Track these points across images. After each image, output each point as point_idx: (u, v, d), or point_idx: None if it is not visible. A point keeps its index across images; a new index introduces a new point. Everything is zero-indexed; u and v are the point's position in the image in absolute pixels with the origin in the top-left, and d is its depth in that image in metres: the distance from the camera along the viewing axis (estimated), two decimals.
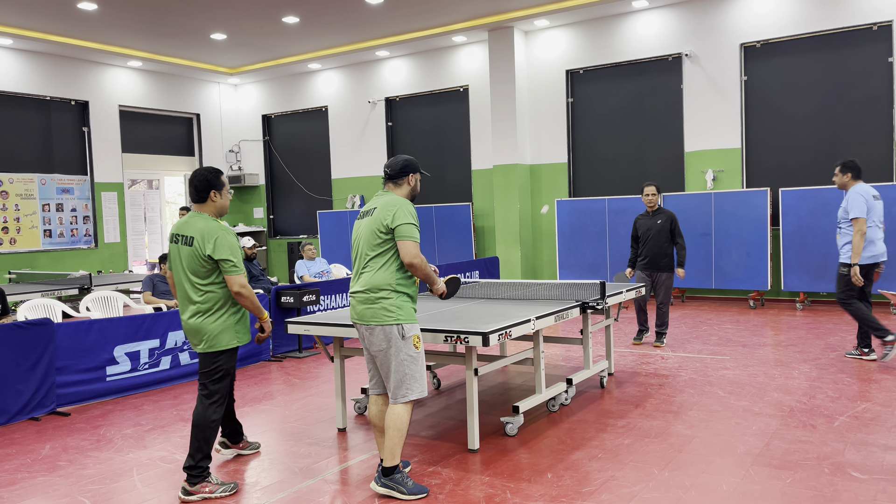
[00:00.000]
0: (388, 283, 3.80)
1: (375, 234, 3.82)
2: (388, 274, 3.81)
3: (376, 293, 3.80)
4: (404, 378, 3.80)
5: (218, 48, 13.22)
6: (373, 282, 3.81)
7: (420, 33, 12.53)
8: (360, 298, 3.85)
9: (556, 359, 7.16)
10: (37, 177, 12.62)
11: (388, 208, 3.82)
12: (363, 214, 3.97)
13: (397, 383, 3.81)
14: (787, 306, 10.06)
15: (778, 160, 10.57)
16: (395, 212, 3.79)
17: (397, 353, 3.79)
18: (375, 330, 3.81)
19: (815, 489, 3.72)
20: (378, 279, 3.81)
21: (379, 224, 3.81)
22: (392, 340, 3.79)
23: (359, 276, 3.91)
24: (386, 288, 3.80)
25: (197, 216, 4.04)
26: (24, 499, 4.00)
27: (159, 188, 15.04)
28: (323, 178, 15.18)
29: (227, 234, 3.97)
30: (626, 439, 4.62)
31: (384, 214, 3.81)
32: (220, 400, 4.03)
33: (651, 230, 7.46)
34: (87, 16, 10.93)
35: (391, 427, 3.81)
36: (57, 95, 12.87)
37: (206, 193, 4.05)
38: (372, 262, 3.84)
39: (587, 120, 12.09)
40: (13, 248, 12.23)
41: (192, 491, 3.89)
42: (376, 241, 3.82)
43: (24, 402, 5.56)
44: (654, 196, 7.50)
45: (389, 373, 3.82)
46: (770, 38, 10.44)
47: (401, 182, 4.02)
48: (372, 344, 3.85)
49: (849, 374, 6.08)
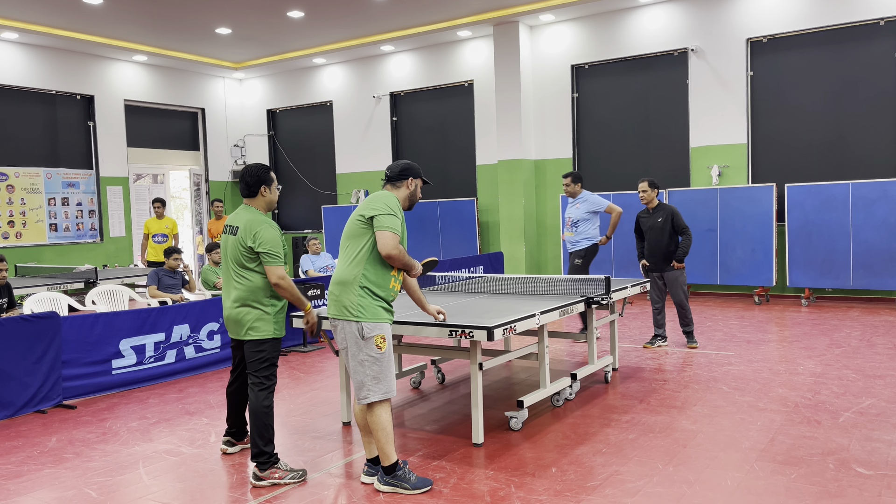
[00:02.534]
0: (353, 277, 3.71)
1: (354, 223, 3.79)
2: (357, 268, 3.72)
3: (342, 287, 3.73)
4: (365, 379, 3.70)
5: (223, 42, 13.22)
6: (341, 275, 3.76)
7: (425, 28, 12.51)
8: (330, 291, 3.82)
9: (561, 354, 7.16)
10: (42, 171, 12.65)
11: (371, 200, 3.80)
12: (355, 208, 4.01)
13: (359, 384, 3.73)
14: (793, 302, 10.03)
15: (784, 156, 10.54)
16: (375, 203, 3.75)
17: (357, 352, 3.69)
18: (339, 325, 3.75)
19: (820, 485, 3.71)
20: (346, 272, 3.74)
21: (359, 214, 3.79)
22: (353, 339, 3.69)
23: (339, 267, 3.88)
24: (351, 282, 3.71)
25: (246, 209, 4.22)
26: (31, 491, 4.02)
27: (164, 182, 15.06)
28: (327, 172, 15.19)
29: (269, 227, 4.10)
30: (631, 434, 4.62)
31: (365, 205, 3.80)
32: (270, 386, 4.13)
33: (652, 229, 7.19)
34: (92, 10, 10.94)
35: (374, 430, 3.76)
36: (62, 90, 12.89)
37: (256, 188, 4.22)
38: (346, 254, 3.80)
39: (592, 115, 12.06)
40: (19, 242, 12.27)
41: (261, 476, 4.01)
42: (354, 232, 3.78)
43: (30, 394, 5.59)
44: (646, 193, 7.21)
45: (351, 372, 3.76)
46: (776, 34, 10.40)
47: (399, 185, 3.98)
48: (340, 340, 3.79)
49: (854, 370, 6.07)
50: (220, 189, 15.69)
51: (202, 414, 5.49)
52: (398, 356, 5.89)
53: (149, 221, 11.01)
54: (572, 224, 7.71)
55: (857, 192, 9.44)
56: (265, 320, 4.11)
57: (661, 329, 7.34)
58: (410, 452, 4.43)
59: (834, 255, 9.61)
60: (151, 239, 10.98)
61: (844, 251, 9.54)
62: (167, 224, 11.04)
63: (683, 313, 7.27)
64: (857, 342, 7.19)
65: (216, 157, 15.66)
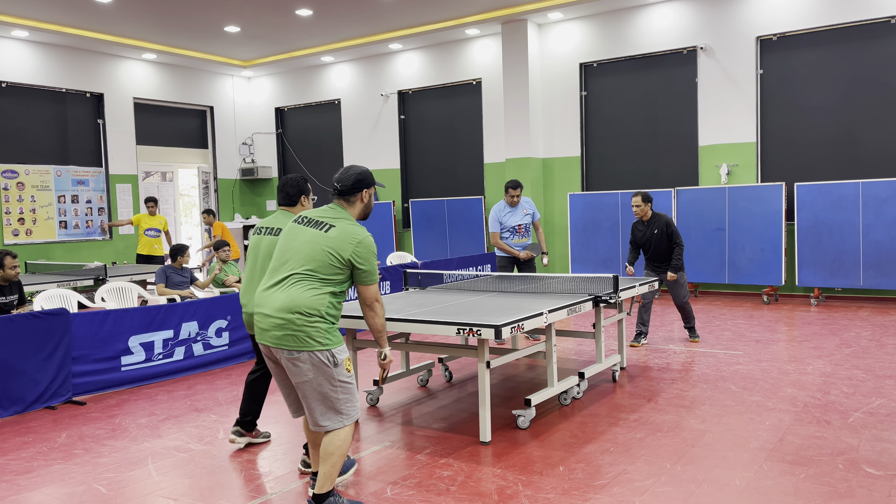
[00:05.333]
0: (316, 309, 3.34)
1: (329, 259, 3.39)
2: (322, 299, 3.36)
3: (305, 317, 3.31)
4: (338, 404, 3.39)
5: (231, 41, 13.25)
6: (301, 304, 3.32)
7: (433, 26, 12.50)
8: (279, 322, 3.33)
9: (568, 353, 7.15)
10: (52, 168, 12.71)
11: (350, 240, 3.41)
12: (302, 221, 3.53)
13: (331, 410, 3.39)
14: (802, 302, 9.99)
15: (793, 155, 10.48)
16: (358, 249, 3.41)
17: (329, 380, 3.35)
18: (301, 357, 3.32)
19: (829, 485, 3.70)
20: (309, 302, 3.33)
21: (337, 253, 3.39)
22: (318, 368, 3.34)
23: (277, 290, 3.40)
24: (315, 314, 3.33)
25: (284, 215, 4.43)
26: (41, 486, 4.05)
27: (173, 180, 15.11)
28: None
29: None
30: (639, 433, 4.61)
31: (343, 245, 3.40)
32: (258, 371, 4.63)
33: (650, 241, 7.31)
34: (102, 8, 10.99)
35: (334, 454, 3.39)
36: (72, 88, 12.96)
37: (297, 198, 4.49)
38: (304, 282, 3.37)
39: (601, 113, 12.03)
40: (29, 239, 12.35)
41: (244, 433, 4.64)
42: (326, 267, 3.38)
43: (40, 391, 5.62)
44: (639, 207, 7.28)
45: (316, 401, 3.37)
46: (787, 31, 10.34)
47: (353, 199, 3.58)
48: (295, 373, 3.36)
49: (864, 370, 6.04)
50: (228, 186, 15.74)
51: (211, 411, 5.52)
52: (406, 354, 5.90)
53: (140, 216, 11.48)
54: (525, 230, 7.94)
55: (868, 192, 9.38)
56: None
57: (645, 327, 7.44)
58: (418, 450, 4.43)
59: (844, 255, 9.56)
60: (144, 233, 11.38)
61: (854, 251, 9.49)
62: (160, 220, 11.54)
63: (686, 311, 7.44)
64: (866, 342, 7.15)
65: (224, 155, 15.71)
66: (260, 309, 3.43)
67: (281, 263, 3.47)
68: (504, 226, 7.81)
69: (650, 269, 7.46)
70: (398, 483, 3.92)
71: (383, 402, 5.58)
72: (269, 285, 3.46)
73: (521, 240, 7.87)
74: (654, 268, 7.44)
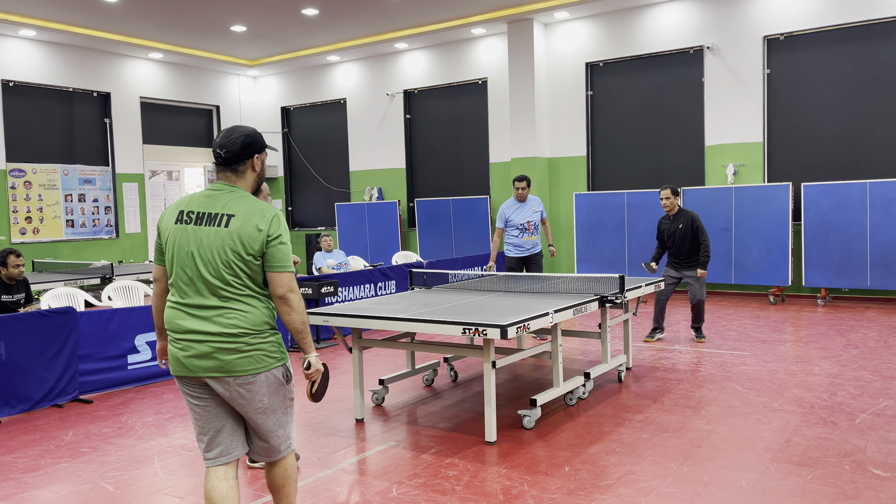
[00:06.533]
0: (265, 322, 2.77)
1: (240, 258, 2.70)
2: (265, 310, 2.79)
3: (254, 335, 2.73)
4: (289, 427, 2.93)
5: (238, 40, 13.28)
6: (249, 322, 2.72)
7: (439, 25, 12.50)
8: (225, 344, 2.70)
9: (574, 353, 7.14)
10: (59, 167, 12.76)
11: (258, 223, 2.72)
12: (200, 218, 2.75)
13: (278, 438, 2.88)
14: (808, 302, 9.95)
15: (800, 155, 10.44)
16: (272, 229, 2.73)
17: (281, 400, 2.85)
18: (257, 381, 2.75)
19: (836, 486, 3.68)
20: (255, 318, 2.74)
21: (249, 248, 2.70)
22: (275, 387, 2.81)
23: (213, 311, 2.71)
24: (266, 328, 2.78)
25: None
26: (48, 484, 4.07)
27: (179, 179, 15.16)
28: (341, 170, 15.22)
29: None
30: (644, 434, 4.60)
31: (253, 234, 2.70)
32: None
33: (674, 235, 7.34)
34: (109, 8, 11.02)
35: (291, 483, 2.97)
36: (79, 87, 13.00)
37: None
38: (236, 293, 2.72)
39: (607, 113, 12.01)
40: (36, 238, 12.40)
41: None
42: (241, 267, 2.71)
43: (47, 389, 5.65)
44: (668, 200, 7.32)
45: (271, 428, 2.85)
46: (794, 31, 10.30)
47: (242, 168, 2.83)
48: (249, 401, 2.76)
49: (871, 371, 6.01)
50: None
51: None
52: (411, 353, 5.90)
53: None
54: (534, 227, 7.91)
55: (875, 192, 9.34)
56: None
57: (659, 324, 7.56)
58: (423, 450, 4.44)
59: (851, 255, 9.52)
60: None
61: (861, 251, 9.45)
62: None
63: (699, 312, 7.42)
64: (874, 343, 7.12)
65: None
66: (185, 330, 2.73)
67: (188, 282, 2.74)
68: (511, 223, 7.82)
69: (670, 265, 7.48)
70: (403, 482, 3.92)
71: (388, 402, 5.58)
72: (190, 307, 2.75)
73: (530, 237, 7.84)
74: (674, 264, 7.44)
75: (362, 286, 8.86)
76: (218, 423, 2.84)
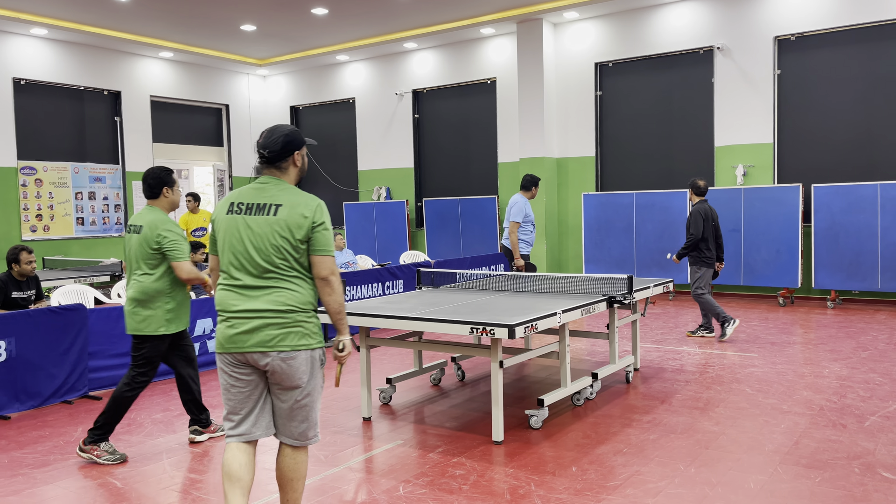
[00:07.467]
0: (311, 303, 3.02)
1: (288, 244, 2.95)
2: (310, 291, 3.02)
3: (297, 313, 2.96)
4: (316, 415, 3.09)
5: (247, 39, 13.32)
6: (296, 300, 2.96)
7: (448, 25, 12.50)
8: (273, 319, 2.93)
9: (582, 353, 7.13)
10: (70, 165, 12.84)
11: (304, 211, 2.96)
12: (249, 209, 3.00)
13: (308, 422, 3.05)
14: (818, 304, 9.90)
15: (811, 156, 10.39)
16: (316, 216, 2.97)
17: (318, 383, 3.06)
18: (299, 357, 2.96)
19: (845, 489, 3.66)
20: (302, 297, 2.97)
21: (297, 233, 2.94)
22: (313, 370, 3.02)
23: (263, 290, 2.95)
24: (310, 308, 3.01)
25: (149, 209, 4.42)
26: (57, 480, 4.09)
27: (188, 178, 15.21)
28: (349, 169, 15.25)
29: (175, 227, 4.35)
30: (652, 435, 4.59)
31: (299, 221, 2.94)
32: (142, 382, 4.43)
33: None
34: (120, 7, 11.08)
35: (299, 478, 3.08)
36: (90, 85, 13.07)
37: (158, 190, 4.46)
38: (284, 275, 2.96)
39: (616, 113, 11.98)
40: (47, 235, 12.47)
41: (84, 448, 4.35)
42: (290, 251, 2.95)
43: (57, 385, 5.68)
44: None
45: (297, 412, 3.02)
46: (805, 31, 10.25)
47: (285, 165, 3.08)
48: (289, 377, 2.97)
49: (880, 373, 5.97)
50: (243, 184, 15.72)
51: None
52: (419, 352, 5.90)
53: (185, 217, 10.62)
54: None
55: (886, 194, 9.28)
56: (155, 318, 4.35)
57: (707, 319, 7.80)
58: (430, 449, 4.44)
59: (861, 257, 9.46)
60: (192, 234, 10.51)
61: (872, 253, 9.39)
62: (204, 217, 10.67)
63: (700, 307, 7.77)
64: (884, 345, 7.08)
65: (239, 153, 15.80)
66: (237, 308, 2.97)
67: (239, 266, 2.98)
68: (529, 218, 8.14)
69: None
70: (411, 481, 3.93)
71: (396, 401, 5.59)
72: (241, 288, 2.99)
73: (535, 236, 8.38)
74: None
75: (370, 285, 8.88)
76: (251, 404, 3.06)
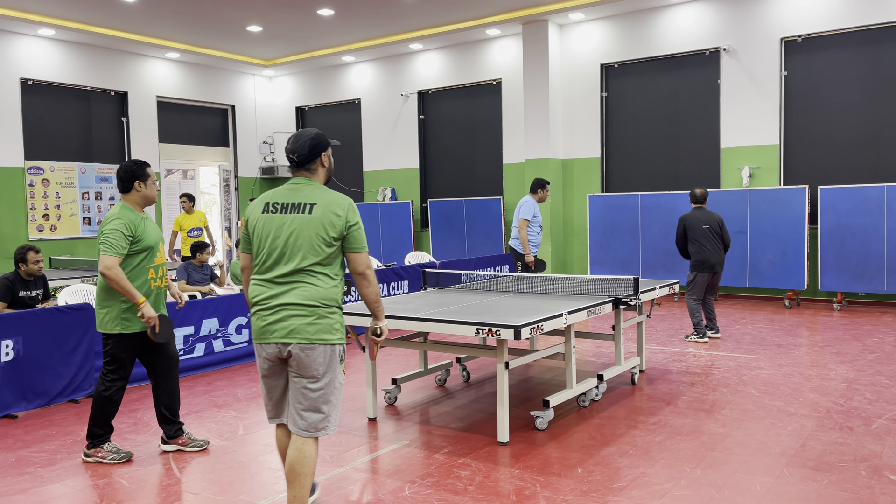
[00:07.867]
0: (335, 300, 3.22)
1: (322, 241, 3.16)
2: (337, 289, 3.24)
3: (323, 308, 3.17)
4: (331, 409, 3.23)
5: (253, 40, 13.35)
6: (321, 295, 3.17)
7: (453, 26, 12.51)
8: (298, 311, 3.14)
9: (587, 354, 7.12)
10: (77, 165, 12.88)
11: (337, 210, 3.19)
12: (284, 208, 3.21)
13: (320, 415, 3.21)
14: (824, 307, 9.87)
15: (817, 157, 10.36)
16: (349, 215, 3.20)
17: (332, 379, 3.22)
18: (317, 350, 3.16)
19: (852, 492, 3.65)
20: (328, 293, 3.19)
21: (331, 230, 3.16)
22: (331, 364, 3.21)
23: (292, 285, 3.16)
24: (334, 305, 3.21)
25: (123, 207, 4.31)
26: (63, 479, 4.11)
27: (194, 178, 15.25)
28: (355, 170, 15.27)
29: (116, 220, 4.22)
30: (658, 436, 4.58)
31: (332, 219, 3.17)
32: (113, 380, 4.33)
33: None
34: (127, 8, 11.12)
35: (305, 473, 3.18)
36: (97, 86, 13.12)
37: (130, 184, 4.32)
38: (315, 272, 3.18)
39: (621, 114, 11.97)
40: (54, 235, 12.52)
41: (88, 453, 4.35)
42: (323, 248, 3.17)
43: (63, 384, 5.70)
44: None
45: (309, 402, 3.19)
46: (811, 33, 10.22)
47: (314, 167, 3.31)
48: (306, 367, 3.16)
49: (887, 376, 5.95)
50: (248, 185, 15.85)
51: (230, 407, 5.56)
52: (424, 353, 5.91)
53: (179, 218, 10.84)
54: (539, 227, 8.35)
55: (893, 195, 9.25)
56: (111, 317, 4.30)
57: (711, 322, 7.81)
58: (436, 450, 4.44)
59: (868, 259, 9.43)
60: (186, 234, 10.73)
61: (879, 255, 9.36)
62: (199, 217, 10.88)
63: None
64: (890, 348, 7.05)
65: (245, 154, 15.84)
66: (267, 302, 3.19)
67: (273, 262, 3.20)
68: (537, 219, 8.19)
69: None
70: (416, 482, 3.93)
71: (401, 402, 5.59)
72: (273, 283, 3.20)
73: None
74: None
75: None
76: (279, 391, 3.33)
